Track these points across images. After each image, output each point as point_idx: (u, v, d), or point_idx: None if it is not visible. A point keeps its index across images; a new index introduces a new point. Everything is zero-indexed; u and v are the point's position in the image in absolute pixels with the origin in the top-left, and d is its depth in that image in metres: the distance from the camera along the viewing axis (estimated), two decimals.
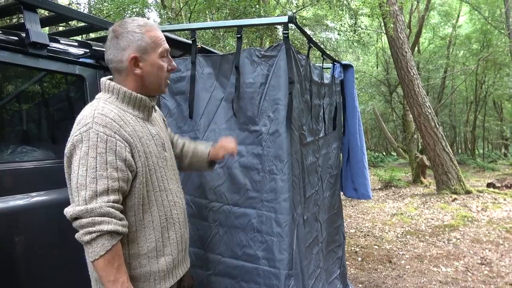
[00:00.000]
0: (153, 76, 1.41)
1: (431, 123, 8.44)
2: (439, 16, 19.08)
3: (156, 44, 1.39)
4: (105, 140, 1.24)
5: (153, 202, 1.39)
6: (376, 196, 9.05)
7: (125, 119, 1.33)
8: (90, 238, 1.20)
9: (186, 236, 1.58)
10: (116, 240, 1.23)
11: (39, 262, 1.76)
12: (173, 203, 1.47)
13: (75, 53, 2.14)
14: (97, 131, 1.23)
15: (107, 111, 1.30)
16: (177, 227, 1.49)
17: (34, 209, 1.76)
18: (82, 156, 1.22)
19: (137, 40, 1.36)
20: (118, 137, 1.27)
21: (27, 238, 1.72)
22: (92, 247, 1.20)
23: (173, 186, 1.51)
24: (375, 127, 25.69)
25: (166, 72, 1.45)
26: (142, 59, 1.37)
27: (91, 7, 9.07)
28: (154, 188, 1.40)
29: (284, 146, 1.94)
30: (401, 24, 8.89)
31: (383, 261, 4.54)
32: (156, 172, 1.41)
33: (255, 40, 9.49)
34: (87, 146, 1.22)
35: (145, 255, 1.37)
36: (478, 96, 19.60)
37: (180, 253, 1.51)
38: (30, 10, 1.86)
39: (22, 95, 2.08)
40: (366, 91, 18.52)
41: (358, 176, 3.35)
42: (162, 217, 1.42)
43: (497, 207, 7.00)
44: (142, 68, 1.38)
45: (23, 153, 1.90)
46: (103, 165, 1.22)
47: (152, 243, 1.38)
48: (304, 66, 2.23)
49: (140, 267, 1.36)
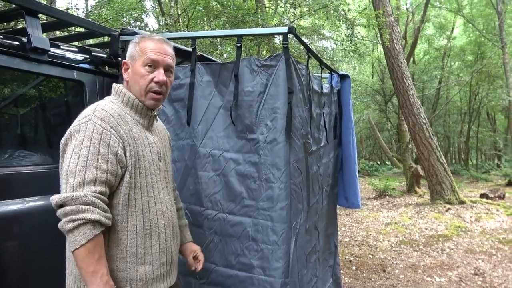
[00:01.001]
0: (134, 83, 1.44)
1: (426, 133, 8.51)
2: (434, 28, 19.35)
3: (143, 53, 1.42)
4: (100, 132, 1.28)
5: (139, 206, 1.37)
6: (370, 205, 9.08)
7: (124, 119, 1.38)
8: (72, 226, 1.19)
9: (173, 250, 1.51)
10: (98, 230, 1.22)
11: (35, 267, 1.75)
12: (160, 213, 1.44)
13: (75, 59, 2.15)
14: (95, 123, 1.28)
15: (109, 108, 1.36)
16: (162, 237, 1.44)
17: (30, 214, 1.76)
18: (76, 145, 1.26)
19: (131, 49, 1.46)
20: (113, 132, 1.31)
21: (23, 242, 1.71)
22: (74, 235, 1.19)
23: (163, 195, 1.48)
24: (370, 136, 25.81)
25: (151, 83, 1.42)
26: (131, 65, 1.45)
27: (89, 12, 9.10)
28: (142, 192, 1.39)
29: (282, 154, 1.95)
30: (397, 35, 9.00)
31: (377, 271, 4.54)
32: (147, 177, 1.40)
33: (253, 48, 9.54)
34: (82, 136, 1.26)
35: (123, 259, 1.33)
36: (472, 107, 19.80)
37: (163, 266, 1.45)
38: (32, 15, 1.88)
39: (22, 99, 2.08)
40: (362, 100, 18.63)
41: (349, 185, 3.38)
42: (147, 223, 1.38)
43: (490, 217, 7.05)
44: (129, 74, 1.46)
45: (20, 158, 1.90)
46: (94, 155, 1.25)
47: (132, 248, 1.34)
48: (304, 75, 2.26)
49: (116, 270, 1.32)
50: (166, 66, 1.46)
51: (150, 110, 1.48)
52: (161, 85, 1.44)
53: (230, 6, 8.37)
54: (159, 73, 1.42)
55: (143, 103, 1.45)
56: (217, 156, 2.11)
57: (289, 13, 9.26)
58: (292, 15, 9.17)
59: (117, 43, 2.24)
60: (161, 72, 1.43)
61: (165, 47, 1.46)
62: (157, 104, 1.47)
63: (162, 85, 1.44)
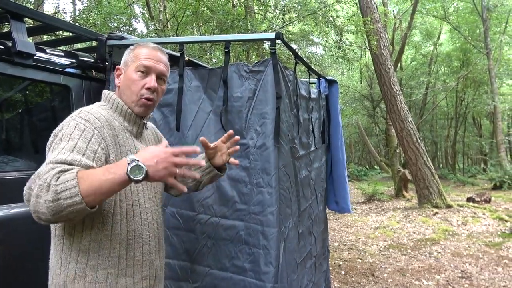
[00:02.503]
0: (125, 88, 1.41)
1: (413, 138, 8.61)
2: (421, 35, 19.67)
3: (136, 59, 1.41)
4: (82, 129, 1.22)
5: (124, 215, 1.31)
6: (359, 209, 9.13)
7: (111, 124, 1.33)
8: (53, 190, 1.02)
9: (158, 264, 1.44)
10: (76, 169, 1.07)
11: (19, 274, 1.72)
12: (146, 223, 1.38)
13: (61, 63, 2.13)
14: (77, 122, 1.24)
15: (95, 112, 1.31)
16: (146, 248, 1.38)
17: (15, 220, 1.73)
18: (56, 141, 1.20)
19: (126, 55, 1.45)
20: (96, 132, 1.25)
21: (8, 248, 1.68)
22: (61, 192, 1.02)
23: (149, 205, 1.42)
24: (359, 141, 26.03)
25: (142, 89, 1.39)
26: (123, 71, 1.44)
27: (77, 16, 9.03)
28: (127, 200, 1.33)
29: (271, 159, 1.96)
30: (384, 41, 9.12)
31: (366, 275, 4.56)
32: (131, 185, 1.32)
33: (242, 53, 9.58)
34: (62, 133, 1.21)
35: (104, 270, 1.27)
36: (458, 113, 20.13)
37: (146, 280, 1.37)
38: (17, 19, 1.86)
39: (7, 104, 2.05)
40: (350, 105, 18.81)
41: (339, 189, 3.40)
42: (131, 233, 1.32)
43: (476, 221, 7.15)
44: (121, 79, 1.44)
45: (5, 163, 1.87)
46: (70, 147, 1.16)
47: (114, 258, 1.28)
48: (292, 81, 2.27)
49: (96, 281, 1.25)
50: (158, 73, 1.43)
51: (139, 117, 1.44)
52: (152, 92, 1.40)
53: (219, 12, 8.40)
54: (151, 79, 1.40)
55: (133, 110, 1.41)
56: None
57: (278, 19, 9.32)
58: (281, 21, 9.23)
59: (104, 47, 2.23)
60: (153, 78, 1.40)
61: (159, 55, 1.44)
62: (147, 111, 1.44)
63: (153, 91, 1.40)
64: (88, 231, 1.25)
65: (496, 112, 15.89)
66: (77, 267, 1.24)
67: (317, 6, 8.77)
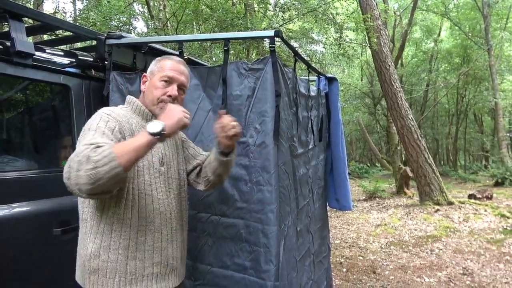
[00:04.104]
0: (149, 93, 1.60)
1: (414, 135, 8.60)
2: (422, 31, 19.62)
3: (162, 69, 1.59)
4: (106, 120, 1.39)
5: (136, 202, 1.44)
6: (360, 207, 9.14)
7: (129, 121, 1.50)
8: (93, 162, 1.12)
9: (170, 252, 1.54)
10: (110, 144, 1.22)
11: (20, 273, 1.72)
12: (158, 212, 1.50)
13: (61, 63, 2.13)
14: (102, 115, 1.42)
15: (115, 109, 1.51)
16: (157, 236, 1.49)
17: (16, 219, 1.73)
18: (85, 131, 1.35)
19: (152, 65, 1.65)
20: (118, 124, 1.42)
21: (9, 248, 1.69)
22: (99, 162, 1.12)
23: (161, 196, 1.53)
24: (360, 138, 26.03)
25: (164, 95, 1.55)
26: (149, 79, 1.63)
27: (77, 16, 9.02)
28: (140, 189, 1.46)
29: (271, 157, 1.96)
30: (384, 38, 9.10)
31: (368, 272, 4.56)
32: (145, 176, 1.48)
33: (242, 51, 9.57)
34: (90, 124, 1.38)
35: (115, 251, 1.40)
36: (459, 109, 20.11)
37: (157, 266, 1.48)
38: (15, 19, 1.86)
39: (6, 104, 2.05)
40: (351, 103, 18.79)
41: (340, 187, 3.39)
42: (142, 220, 1.45)
43: (478, 218, 7.14)
44: (146, 85, 1.63)
45: (5, 163, 1.87)
46: (100, 134, 1.32)
47: (125, 240, 1.41)
48: (291, 79, 2.26)
49: (108, 261, 1.39)
50: (180, 84, 1.60)
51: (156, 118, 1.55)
52: (173, 100, 1.56)
53: (219, 10, 8.39)
54: (172, 88, 1.57)
55: (153, 111, 1.58)
56: None
57: (278, 17, 9.30)
58: (281, 19, 9.21)
59: (104, 46, 2.22)
60: (174, 88, 1.58)
61: (181, 67, 1.63)
62: None
63: (174, 99, 1.57)
64: (104, 215, 1.40)
65: (497, 109, 15.87)
66: (93, 247, 1.40)
67: (316, 3, 8.75)
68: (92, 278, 1.40)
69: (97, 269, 1.40)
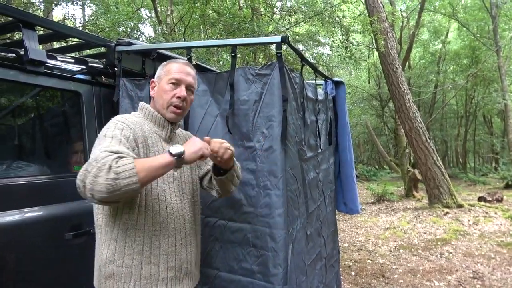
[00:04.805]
0: (158, 97, 1.62)
1: (422, 137, 8.55)
2: (429, 33, 19.51)
3: (168, 73, 1.62)
4: (121, 128, 1.43)
5: (149, 207, 1.46)
6: (369, 210, 9.09)
7: (142, 128, 1.53)
8: (114, 172, 1.15)
9: (184, 257, 1.56)
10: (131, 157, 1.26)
11: (33, 277, 1.75)
12: (171, 217, 1.52)
13: (72, 70, 2.17)
14: (116, 122, 1.46)
15: (128, 117, 1.55)
16: (171, 241, 1.51)
17: (28, 224, 1.76)
18: (101, 138, 1.38)
19: (159, 70, 1.68)
20: (132, 132, 1.45)
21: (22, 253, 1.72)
22: (120, 174, 1.16)
23: (175, 201, 1.56)
24: (368, 141, 25.87)
25: (173, 98, 1.58)
26: (157, 83, 1.65)
27: (86, 22, 9.14)
28: (153, 195, 1.48)
29: (278, 161, 1.97)
30: (391, 40, 9.07)
31: (377, 276, 4.54)
32: (158, 181, 1.50)
33: (249, 55, 9.61)
34: (106, 131, 1.41)
35: (130, 256, 1.43)
36: (468, 111, 19.91)
37: (171, 270, 1.50)
38: (29, 28, 1.90)
39: (19, 110, 2.09)
40: (358, 105, 18.71)
41: (347, 190, 3.39)
42: (156, 225, 1.47)
43: (488, 220, 7.07)
44: (155, 90, 1.65)
45: (18, 169, 1.91)
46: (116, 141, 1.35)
47: (139, 245, 1.44)
48: (298, 83, 2.28)
49: (123, 266, 1.42)
50: (187, 85, 1.63)
51: (168, 122, 1.62)
52: (182, 101, 1.60)
53: (226, 14, 8.44)
54: (180, 90, 1.60)
55: (164, 116, 1.60)
56: None
57: (284, 21, 9.33)
58: (287, 22, 9.23)
59: (113, 53, 2.26)
60: (182, 89, 1.60)
61: (188, 69, 1.65)
62: (177, 118, 1.62)
63: (183, 100, 1.60)
64: (118, 221, 1.43)
65: (507, 110, 15.68)
66: (108, 253, 1.43)
67: (323, 6, 8.76)
68: (108, 283, 1.43)
69: (112, 274, 1.42)
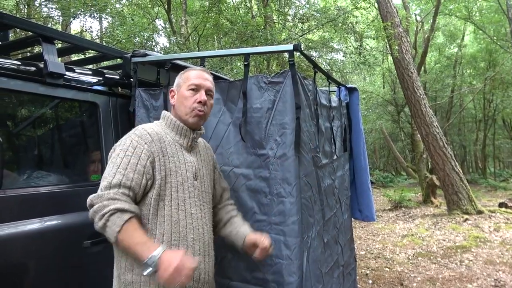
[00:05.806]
0: (179, 104, 1.67)
1: (440, 142, 8.41)
2: (444, 37, 19.24)
3: (187, 79, 1.67)
4: (135, 146, 1.49)
5: (168, 217, 1.50)
6: (386, 217, 8.95)
7: (162, 138, 1.57)
8: (104, 221, 1.35)
9: (202, 267, 1.57)
10: (128, 216, 1.37)
11: (53, 285, 1.79)
12: (190, 227, 1.55)
13: (89, 81, 2.23)
14: (132, 139, 1.52)
15: (148, 127, 1.59)
16: (190, 251, 1.52)
17: (48, 232, 1.81)
18: (114, 156, 1.48)
19: (177, 79, 1.73)
20: (146, 147, 1.51)
21: (42, 260, 1.76)
22: (108, 228, 1.35)
23: (195, 212, 1.59)
24: (384, 146, 25.54)
25: (194, 103, 1.63)
26: (176, 91, 1.70)
27: (103, 34, 9.36)
28: (173, 205, 1.51)
29: (292, 169, 1.97)
30: (406, 45, 8.99)
31: (394, 284, 4.46)
32: (178, 192, 1.54)
33: (262, 62, 9.66)
34: (120, 149, 1.50)
35: None
36: (487, 115, 19.50)
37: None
38: (48, 42, 1.96)
39: (39, 121, 2.16)
40: (373, 111, 18.54)
41: (362, 197, 3.35)
42: (175, 234, 1.50)
43: (509, 227, 6.88)
44: (175, 99, 1.70)
45: (38, 178, 1.97)
46: (125, 165, 1.45)
47: None
48: (311, 90, 2.28)
49: (141, 274, 1.42)
50: (206, 90, 1.68)
51: (190, 131, 1.66)
52: (203, 105, 1.65)
53: (239, 23, 8.52)
54: (200, 94, 1.65)
55: (186, 122, 1.64)
56: (227, 172, 2.13)
57: (297, 28, 9.36)
58: (300, 30, 9.26)
59: (129, 64, 2.31)
60: (202, 93, 1.65)
61: (205, 75, 1.71)
62: (199, 122, 1.67)
63: (204, 104, 1.65)
64: None
65: None
66: (127, 261, 1.47)
67: (336, 13, 8.76)
68: None
69: (131, 282, 1.45)
